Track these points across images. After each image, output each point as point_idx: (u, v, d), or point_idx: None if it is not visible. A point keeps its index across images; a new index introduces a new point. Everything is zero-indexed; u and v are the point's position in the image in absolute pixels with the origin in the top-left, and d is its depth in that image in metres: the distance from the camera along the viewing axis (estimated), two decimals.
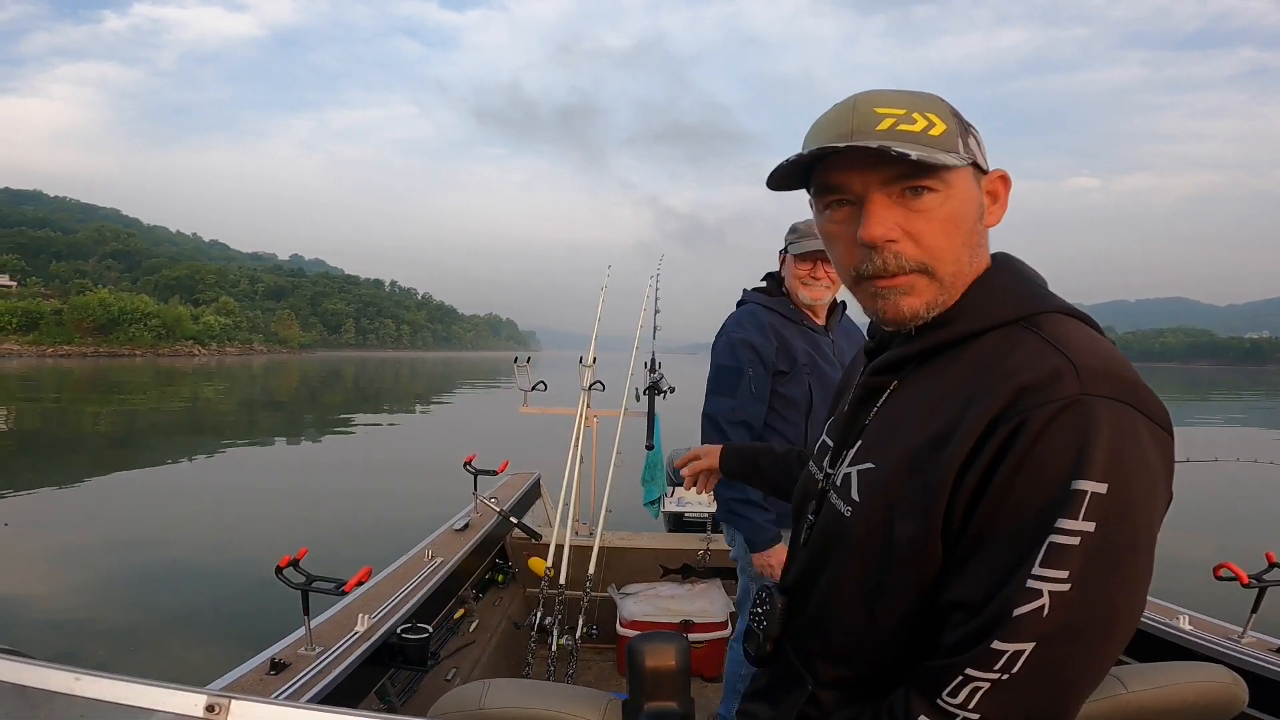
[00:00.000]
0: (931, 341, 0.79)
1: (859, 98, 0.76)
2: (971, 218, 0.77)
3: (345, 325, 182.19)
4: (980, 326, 0.76)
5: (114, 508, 8.86)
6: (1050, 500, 0.64)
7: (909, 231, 0.75)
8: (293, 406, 26.47)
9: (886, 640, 0.77)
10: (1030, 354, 0.70)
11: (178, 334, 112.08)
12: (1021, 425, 0.66)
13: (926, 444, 0.73)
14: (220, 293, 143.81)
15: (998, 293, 0.78)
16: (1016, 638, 0.63)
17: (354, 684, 1.70)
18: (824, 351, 2.06)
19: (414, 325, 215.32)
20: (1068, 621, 0.63)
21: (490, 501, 3.25)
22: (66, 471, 11.18)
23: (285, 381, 45.58)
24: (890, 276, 0.76)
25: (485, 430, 17.31)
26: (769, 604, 0.93)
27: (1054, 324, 0.74)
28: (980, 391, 0.70)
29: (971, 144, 0.77)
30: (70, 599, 5.57)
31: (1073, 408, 0.65)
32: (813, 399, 2.02)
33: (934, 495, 0.70)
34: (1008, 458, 0.66)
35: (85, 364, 67.34)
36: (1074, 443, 0.64)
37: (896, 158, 0.70)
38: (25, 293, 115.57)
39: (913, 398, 0.79)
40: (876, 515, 0.76)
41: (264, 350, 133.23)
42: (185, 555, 6.71)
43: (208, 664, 4.36)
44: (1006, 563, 0.66)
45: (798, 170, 0.79)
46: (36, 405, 24.65)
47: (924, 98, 0.76)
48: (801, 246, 1.99)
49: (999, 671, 0.64)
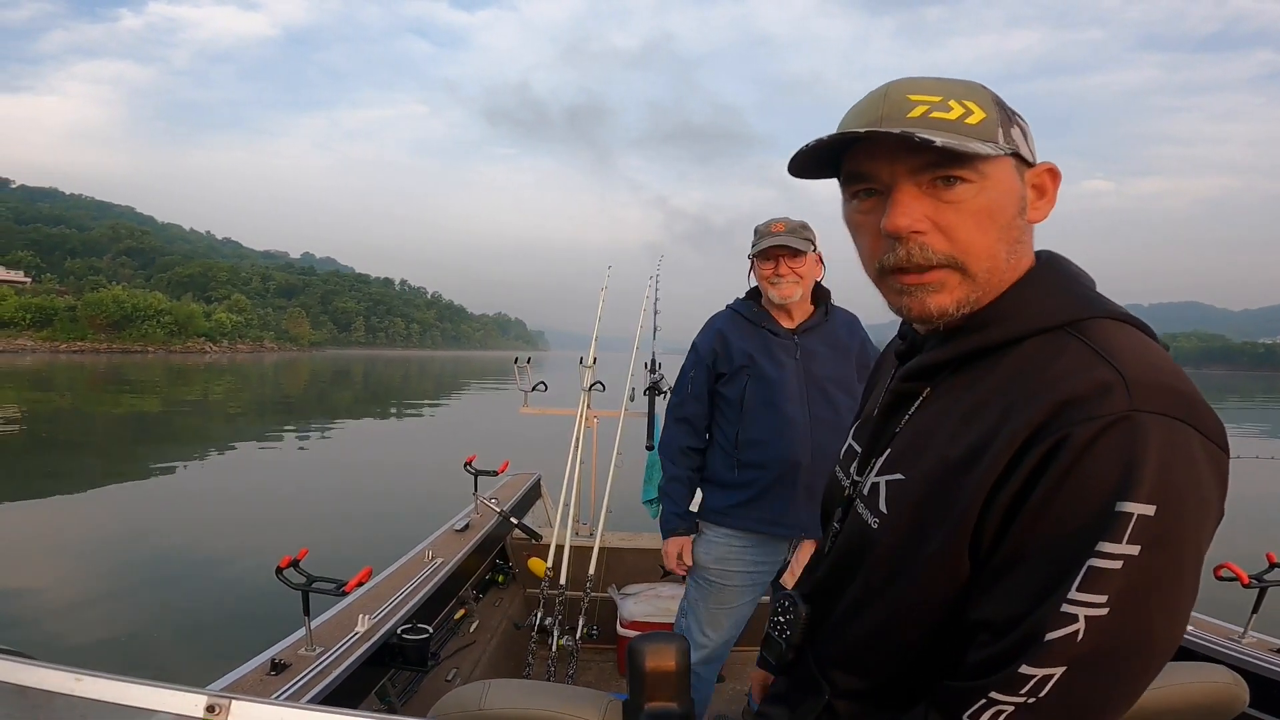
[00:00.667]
0: (968, 346, 0.74)
1: (892, 84, 0.71)
2: (1010, 211, 0.71)
3: (355, 324, 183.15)
4: (1021, 331, 0.71)
5: (117, 506, 8.87)
6: (1091, 521, 0.60)
7: (938, 223, 0.70)
8: (300, 406, 26.38)
9: (906, 654, 0.75)
10: (1075, 364, 0.65)
11: (190, 331, 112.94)
12: (1063, 441, 0.62)
13: (960, 457, 0.69)
14: (232, 290, 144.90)
15: (1041, 294, 0.72)
16: (1046, 662, 0.60)
17: (354, 684, 1.70)
18: (772, 353, 2.04)
19: (423, 324, 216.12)
20: (1101, 647, 0.60)
21: (490, 502, 3.25)
22: (73, 470, 11.18)
23: (295, 379, 45.75)
24: (917, 271, 0.71)
25: (487, 431, 17.29)
26: (792, 612, 0.91)
27: (1103, 330, 0.68)
28: (1019, 402, 0.66)
29: (1015, 134, 0.71)
30: (71, 598, 5.57)
31: (1120, 424, 0.60)
32: (745, 399, 2.02)
33: (964, 511, 0.67)
34: (1046, 475, 0.62)
35: (98, 360, 67.85)
36: (1120, 461, 0.60)
37: (921, 144, 0.66)
38: (40, 289, 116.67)
39: (946, 407, 0.75)
40: (904, 529, 0.73)
41: (275, 348, 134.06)
42: (186, 555, 6.72)
43: (208, 664, 4.34)
44: (1041, 584, 0.62)
45: (824, 157, 0.74)
46: (48, 403, 24.76)
47: (963, 85, 0.71)
48: (760, 245, 1.99)
49: (1025, 695, 0.61)
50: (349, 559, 2.54)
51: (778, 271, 1.99)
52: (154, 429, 18.49)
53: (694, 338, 2.21)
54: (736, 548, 2.05)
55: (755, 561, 2.05)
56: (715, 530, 2.07)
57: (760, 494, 2.00)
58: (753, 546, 2.04)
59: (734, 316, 2.12)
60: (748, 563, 2.05)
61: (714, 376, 2.10)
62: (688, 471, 2.11)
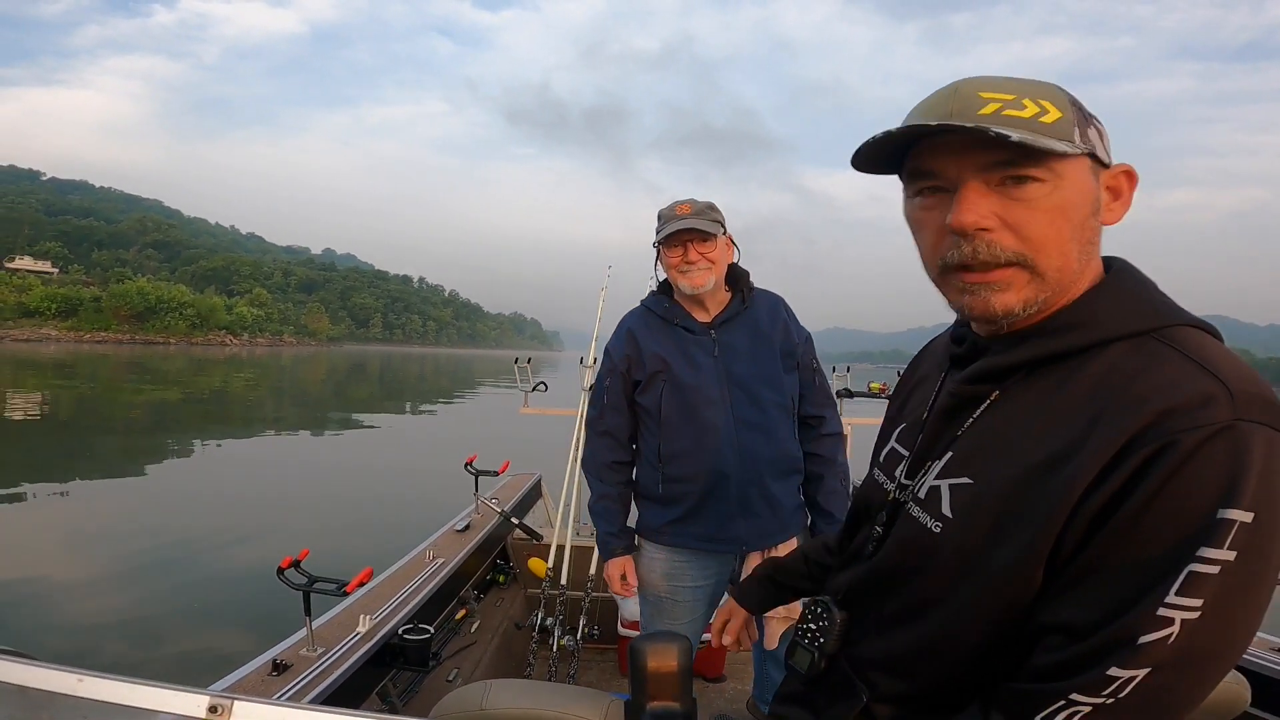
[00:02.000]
0: (1046, 350, 0.71)
1: (962, 81, 0.70)
2: (1084, 212, 0.69)
3: (373, 320, 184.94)
4: (1106, 336, 0.69)
5: (123, 502, 8.85)
6: (1195, 528, 0.60)
7: (1007, 221, 0.68)
8: (311, 402, 26.44)
9: (959, 659, 0.73)
10: (1175, 373, 0.64)
11: (211, 323, 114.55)
12: (1168, 447, 0.61)
13: (1042, 463, 0.67)
14: (254, 284, 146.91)
15: (1122, 299, 0.71)
16: (1135, 664, 0.60)
17: (356, 685, 1.70)
18: (688, 353, 1.85)
19: (440, 322, 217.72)
20: (1189, 649, 0.59)
21: (491, 502, 3.24)
22: (85, 460, 11.17)
23: (311, 374, 46.07)
24: (983, 269, 0.69)
25: (488, 431, 17.25)
26: (826, 619, 0.88)
27: (1191, 339, 0.68)
28: (1112, 409, 0.65)
29: (1091, 134, 0.70)
30: (71, 597, 5.56)
31: (1226, 434, 0.60)
32: (662, 409, 1.83)
33: (1048, 518, 0.65)
34: (1147, 480, 0.61)
35: (121, 350, 68.53)
36: (1227, 471, 0.60)
37: (995, 139, 0.65)
38: (66, 280, 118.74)
39: (1022, 411, 0.72)
40: (975, 534, 0.71)
41: (293, 342, 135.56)
42: (188, 555, 6.70)
43: (210, 664, 4.35)
44: (1135, 588, 0.61)
45: (887, 152, 0.73)
46: (71, 390, 24.92)
47: (1037, 84, 0.69)
48: (666, 230, 1.79)
49: (1106, 696, 0.61)
50: (350, 559, 2.55)
51: (687, 259, 1.79)
52: (169, 421, 18.60)
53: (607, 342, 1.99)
54: (680, 563, 1.91)
55: (702, 575, 1.92)
56: (655, 547, 1.92)
57: (693, 510, 1.84)
58: (697, 560, 1.90)
59: (646, 314, 1.92)
60: (695, 577, 1.91)
61: (630, 384, 1.90)
62: (617, 488, 1.94)
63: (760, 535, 1.85)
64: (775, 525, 1.86)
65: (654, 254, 1.91)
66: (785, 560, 1.24)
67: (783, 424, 1.88)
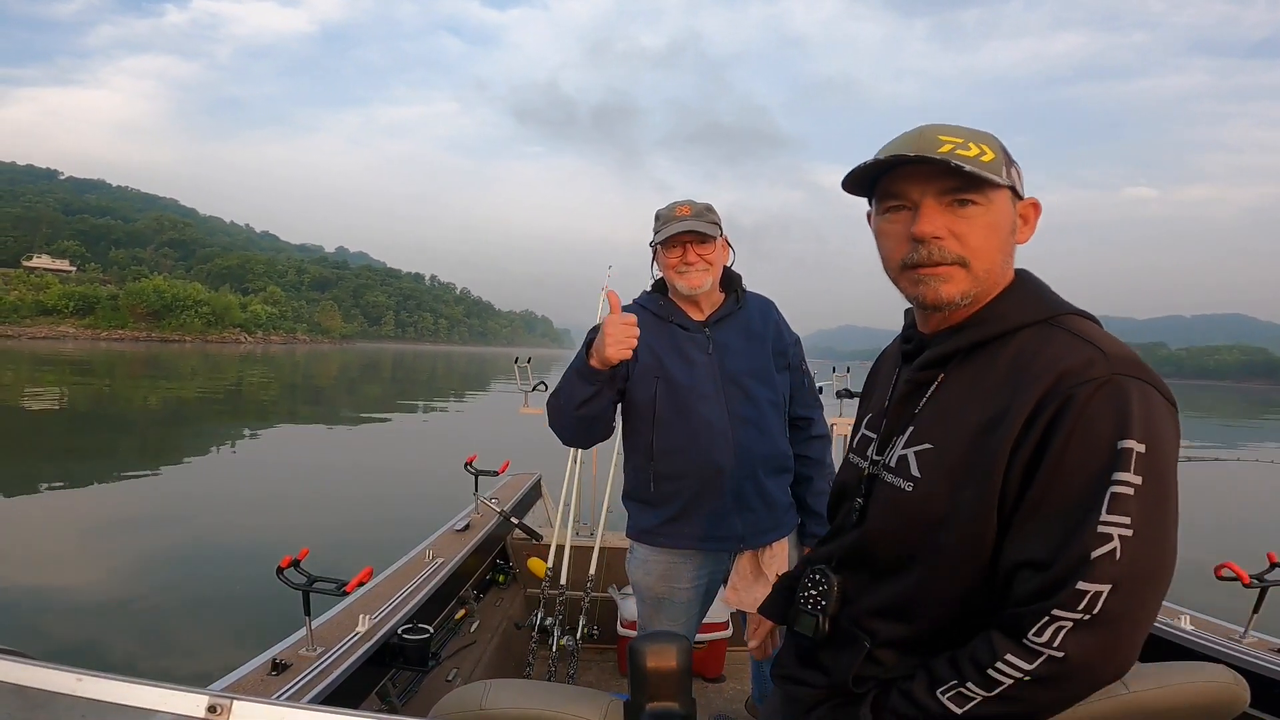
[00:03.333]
0: (974, 338, 0.92)
1: (924, 127, 0.92)
2: (1006, 230, 0.92)
3: (385, 318, 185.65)
4: (1016, 324, 0.90)
5: (125, 501, 8.84)
6: (1105, 458, 0.78)
7: (954, 232, 0.90)
8: (322, 401, 26.53)
9: (946, 599, 0.89)
10: (1065, 346, 0.85)
11: (226, 321, 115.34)
12: (1069, 400, 0.80)
13: (983, 424, 0.86)
14: (268, 283, 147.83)
15: (1026, 298, 0.93)
16: (1097, 578, 0.75)
17: (355, 685, 1.71)
18: (683, 350, 1.85)
19: (451, 320, 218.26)
20: (1135, 563, 0.75)
21: (491, 502, 3.25)
22: (93, 462, 11.18)
23: (324, 370, 46.16)
24: (934, 266, 0.90)
25: (488, 431, 17.23)
26: (825, 584, 1.02)
27: (1075, 323, 0.89)
28: (1025, 378, 0.84)
29: (1013, 174, 0.92)
30: (70, 594, 5.57)
31: (1108, 385, 0.80)
32: (656, 405, 1.81)
33: (992, 466, 0.84)
34: (1061, 427, 0.79)
35: (137, 348, 68.90)
36: (1114, 411, 0.79)
37: (954, 170, 0.86)
38: (84, 278, 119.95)
39: (962, 387, 0.92)
40: (939, 486, 0.89)
41: (307, 340, 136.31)
42: (187, 554, 6.72)
43: (208, 663, 4.37)
44: (1075, 516, 0.78)
45: (867, 178, 0.95)
46: (86, 386, 25.12)
47: (979, 133, 0.92)
48: (665, 232, 1.80)
49: (1083, 611, 0.76)
50: (350, 559, 2.55)
51: (685, 259, 1.80)
52: (181, 419, 18.70)
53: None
54: (676, 563, 1.88)
55: (698, 573, 1.90)
56: (649, 549, 1.90)
57: (687, 508, 1.82)
58: (693, 558, 1.88)
59: (640, 312, 1.89)
60: (691, 576, 1.90)
61: (620, 379, 1.85)
62: None
63: (756, 531, 1.86)
64: (770, 521, 1.87)
65: (650, 253, 1.91)
66: (796, 571, 1.32)
67: (775, 421, 1.89)
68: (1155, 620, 0.79)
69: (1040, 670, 0.78)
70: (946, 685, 0.84)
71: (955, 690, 0.84)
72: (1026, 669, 0.78)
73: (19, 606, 5.33)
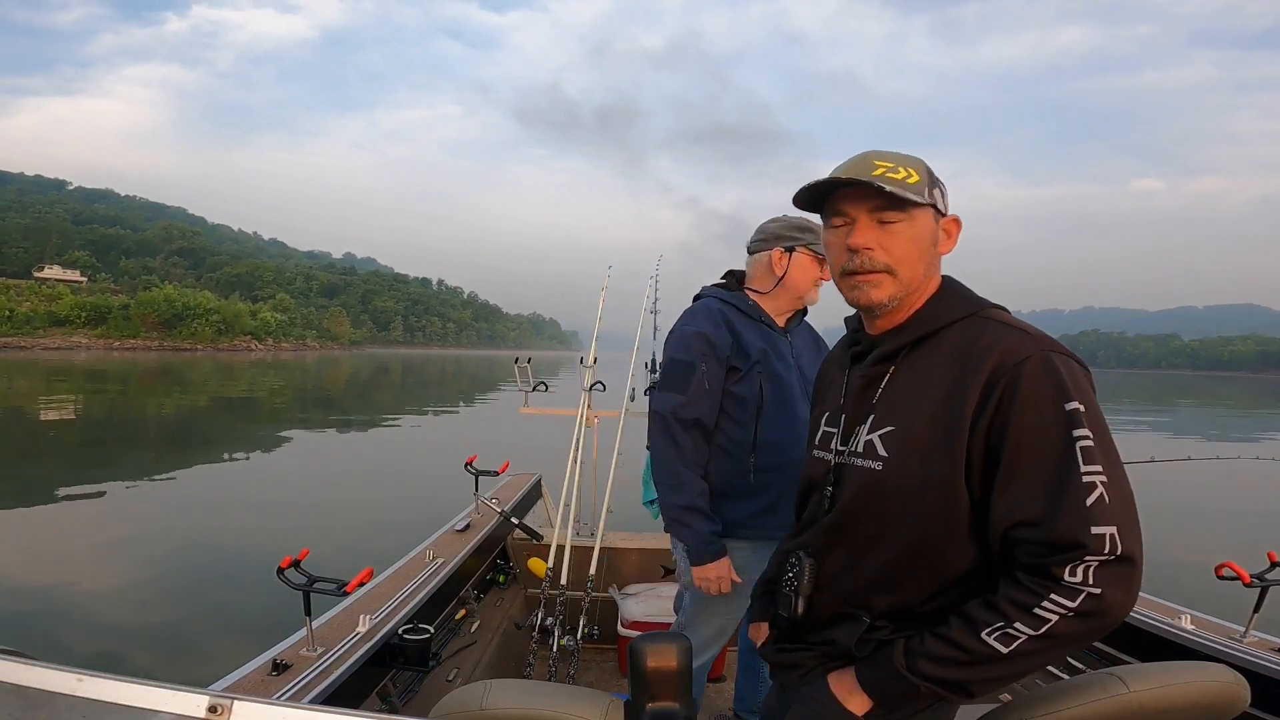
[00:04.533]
0: (917, 333, 1.08)
1: (866, 153, 1.08)
2: (927, 242, 1.08)
3: (394, 323, 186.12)
4: (950, 319, 1.07)
5: (126, 505, 8.90)
6: (1061, 420, 0.92)
7: (882, 244, 1.06)
8: (325, 404, 26.61)
9: (931, 565, 1.01)
10: (998, 332, 1.02)
11: (236, 329, 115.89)
12: (1015, 379, 0.95)
13: (940, 401, 1.00)
14: (278, 290, 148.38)
15: (956, 297, 1.11)
16: (1102, 521, 0.88)
17: (356, 685, 1.71)
18: (780, 350, 1.95)
19: (459, 323, 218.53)
20: (1118, 500, 0.89)
21: (491, 502, 3.25)
22: (101, 469, 11.21)
23: (335, 376, 46.26)
24: (865, 273, 1.07)
25: (488, 431, 17.21)
26: (798, 566, 1.13)
27: (999, 315, 1.07)
28: (973, 358, 1.00)
29: (936, 194, 1.09)
30: (71, 595, 5.60)
31: (1040, 359, 0.96)
32: (763, 399, 1.88)
33: (954, 436, 0.97)
34: (1014, 399, 0.94)
35: (149, 357, 69.50)
36: (1051, 380, 0.95)
37: (876, 191, 1.03)
38: (95, 288, 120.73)
39: (914, 375, 1.06)
40: (908, 461, 1.02)
41: (316, 346, 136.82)
42: (188, 554, 6.74)
43: (208, 663, 4.38)
44: (1057, 472, 0.91)
45: (816, 196, 1.10)
46: (101, 394, 25.30)
47: (909, 158, 1.08)
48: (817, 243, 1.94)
49: (1108, 553, 0.88)
50: (350, 559, 2.55)
51: (823, 275, 1.97)
52: (192, 424, 18.86)
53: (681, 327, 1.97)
54: (751, 556, 1.89)
55: (762, 566, 1.90)
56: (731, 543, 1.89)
57: (779, 499, 1.87)
58: (758, 552, 1.89)
59: (725, 308, 1.96)
60: (758, 570, 1.87)
61: (726, 371, 1.90)
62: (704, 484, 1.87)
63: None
64: None
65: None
66: (771, 572, 1.39)
67: None
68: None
69: (1082, 606, 0.89)
70: (992, 627, 0.93)
71: (1001, 631, 0.93)
72: (1071, 606, 0.89)
73: (28, 607, 5.38)
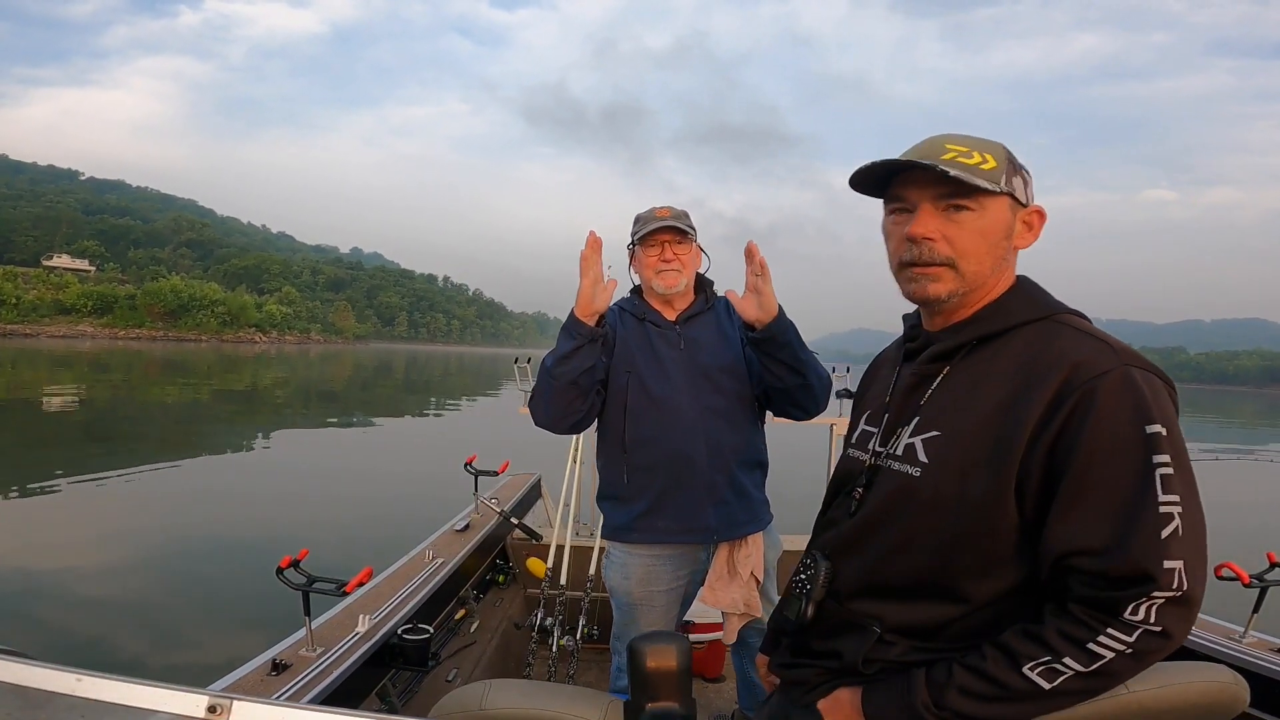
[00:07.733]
0: (979, 332, 0.98)
1: (937, 136, 0.98)
2: (998, 235, 0.96)
3: (398, 318, 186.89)
4: (1019, 321, 0.96)
5: (127, 501, 8.86)
6: (1140, 444, 0.83)
7: (945, 235, 0.95)
8: (330, 402, 26.55)
9: (956, 584, 0.92)
10: (1072, 340, 0.90)
11: (241, 321, 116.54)
12: (1089, 394, 0.84)
13: (994, 410, 0.90)
14: (284, 283, 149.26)
15: (1028, 298, 0.99)
16: (1174, 555, 0.80)
17: (355, 685, 1.71)
18: (654, 346, 1.92)
19: (464, 321, 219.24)
20: (1191, 534, 0.81)
21: (491, 502, 3.26)
22: (101, 460, 11.16)
23: (337, 370, 46.28)
24: (924, 265, 0.96)
25: (488, 431, 17.18)
26: (813, 569, 1.05)
27: (1074, 320, 0.96)
28: (1040, 366, 0.89)
29: (1016, 182, 0.96)
30: (70, 593, 5.58)
31: (1122, 375, 0.85)
32: (628, 399, 1.88)
33: (1010, 450, 0.87)
34: (1086, 418, 0.84)
35: (154, 347, 69.68)
36: (1132, 399, 0.84)
37: (941, 176, 0.92)
38: (102, 278, 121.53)
39: (969, 378, 0.96)
40: (947, 472, 0.93)
41: (321, 340, 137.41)
42: (187, 553, 6.72)
43: (207, 663, 4.38)
44: (1132, 500, 0.82)
45: (874, 180, 1.01)
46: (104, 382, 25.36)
47: (986, 142, 0.97)
48: (645, 229, 1.89)
49: (1176, 589, 0.80)
50: (349, 559, 2.55)
51: (663, 257, 1.89)
52: (194, 416, 18.89)
53: None
54: (652, 565, 1.90)
55: (675, 575, 1.92)
56: (625, 550, 1.92)
57: (660, 500, 1.85)
58: (670, 558, 1.90)
59: (620, 313, 1.99)
60: (668, 579, 1.91)
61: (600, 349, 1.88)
62: None
63: (730, 524, 1.88)
64: (745, 514, 1.89)
65: (628, 255, 1.98)
66: None
67: (746, 415, 1.94)
68: None
69: (1139, 643, 0.82)
70: (1036, 661, 0.85)
71: (1047, 666, 0.84)
72: (1128, 642, 0.82)
73: (24, 603, 5.37)
